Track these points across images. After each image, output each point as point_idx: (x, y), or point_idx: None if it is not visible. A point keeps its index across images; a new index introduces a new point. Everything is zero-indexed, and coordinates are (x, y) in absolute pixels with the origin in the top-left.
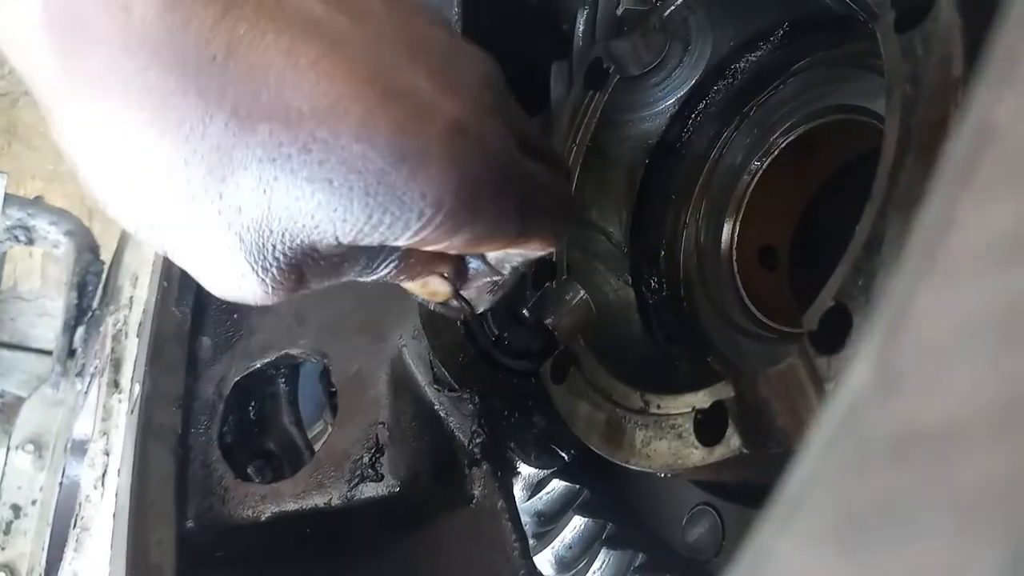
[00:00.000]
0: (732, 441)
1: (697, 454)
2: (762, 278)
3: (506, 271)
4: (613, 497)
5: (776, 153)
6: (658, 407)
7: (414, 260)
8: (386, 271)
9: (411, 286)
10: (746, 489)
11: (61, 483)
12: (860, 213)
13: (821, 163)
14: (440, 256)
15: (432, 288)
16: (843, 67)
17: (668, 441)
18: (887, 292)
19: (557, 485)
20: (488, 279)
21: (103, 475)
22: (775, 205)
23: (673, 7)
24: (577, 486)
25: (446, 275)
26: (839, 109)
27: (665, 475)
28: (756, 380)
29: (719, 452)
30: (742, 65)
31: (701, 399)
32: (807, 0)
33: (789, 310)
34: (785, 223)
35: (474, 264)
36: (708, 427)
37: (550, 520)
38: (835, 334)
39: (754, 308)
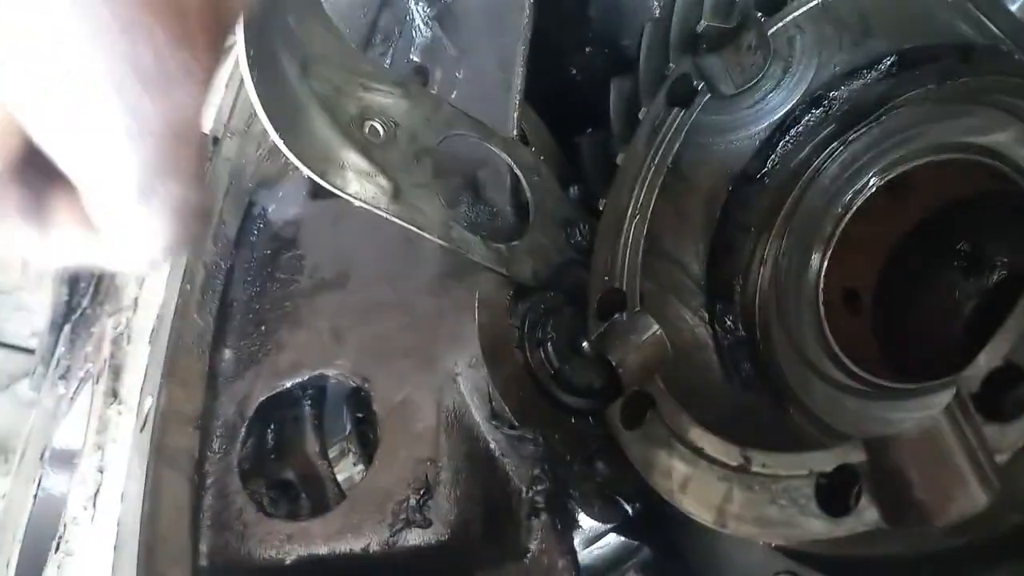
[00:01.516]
0: (867, 514)
1: (819, 525)
2: (845, 322)
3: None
4: (676, 557)
5: (872, 191)
6: (763, 466)
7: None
8: None
9: None
10: (836, 559)
11: (36, 496)
12: (953, 259)
13: (917, 203)
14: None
15: None
16: (955, 102)
17: (780, 507)
18: None
19: (611, 539)
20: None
21: (95, 495)
22: (863, 246)
23: (780, 24)
24: (635, 543)
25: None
26: (946, 147)
27: (768, 544)
28: (888, 443)
29: (848, 525)
30: (842, 93)
31: (821, 461)
32: (933, 27)
33: (873, 357)
34: (872, 265)
35: None
36: (833, 495)
37: None
38: (1001, 399)
39: (843, 355)
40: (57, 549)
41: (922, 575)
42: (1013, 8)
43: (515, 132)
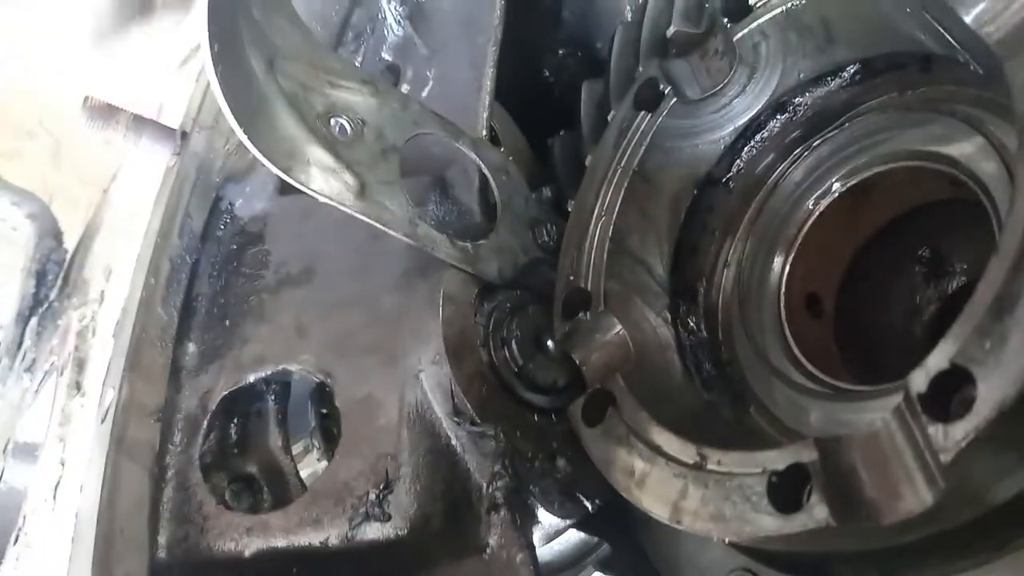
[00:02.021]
0: (816, 511)
1: (771, 522)
2: (807, 325)
3: None
4: (635, 553)
5: (835, 196)
6: (718, 463)
7: None
8: None
9: None
10: (792, 557)
11: None
12: (914, 265)
13: (878, 209)
14: None
15: None
16: (916, 110)
17: (733, 504)
18: None
19: (571, 536)
20: None
21: (56, 487)
22: (825, 250)
23: (745, 31)
24: (595, 539)
25: None
26: (907, 155)
27: (723, 541)
28: (839, 443)
29: (799, 522)
30: (806, 100)
31: (774, 459)
32: (894, 36)
33: (833, 361)
34: (834, 270)
35: None
36: (784, 492)
37: (556, 572)
38: (948, 400)
39: (803, 358)
40: (16, 541)
41: (878, 571)
42: (967, 20)
43: (484, 132)
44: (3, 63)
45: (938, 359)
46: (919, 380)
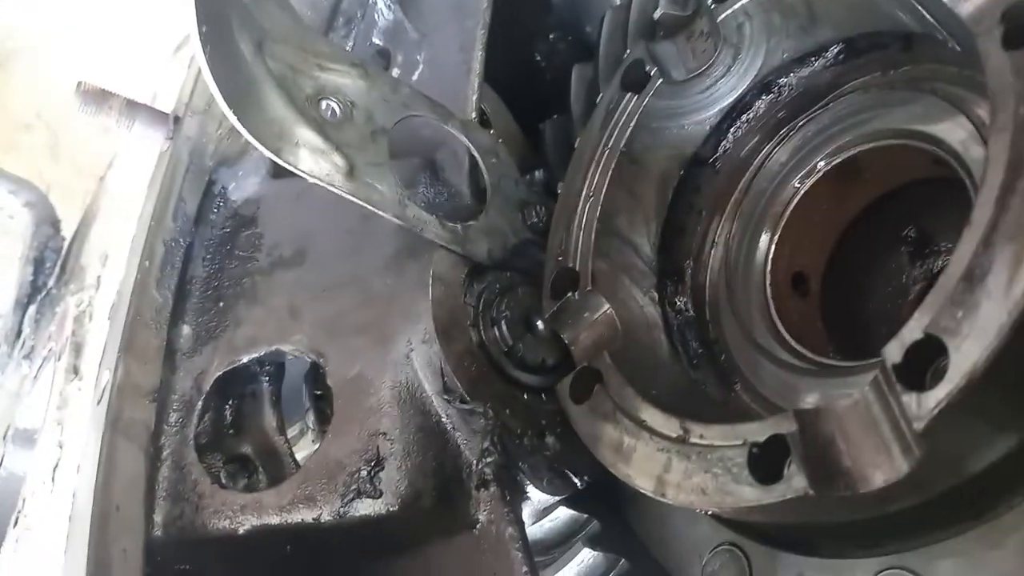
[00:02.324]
0: (795, 481)
1: (751, 492)
2: (793, 304)
3: None
4: (624, 530)
5: (820, 175)
6: (701, 437)
7: None
8: None
9: None
10: (777, 529)
11: None
12: (898, 243)
13: (863, 188)
14: None
15: None
16: (899, 90)
17: (715, 476)
18: None
19: (562, 513)
20: None
21: (54, 469)
22: (811, 229)
23: (729, 12)
24: (584, 515)
25: None
26: (891, 133)
27: (704, 512)
28: (818, 414)
29: (778, 491)
30: (791, 80)
31: (755, 431)
32: (876, 15)
33: (819, 339)
34: (820, 249)
35: None
36: (765, 463)
37: (548, 550)
38: (923, 370)
39: (788, 335)
40: (16, 524)
41: (860, 542)
42: None
43: (474, 114)
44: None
45: (912, 330)
46: (894, 351)
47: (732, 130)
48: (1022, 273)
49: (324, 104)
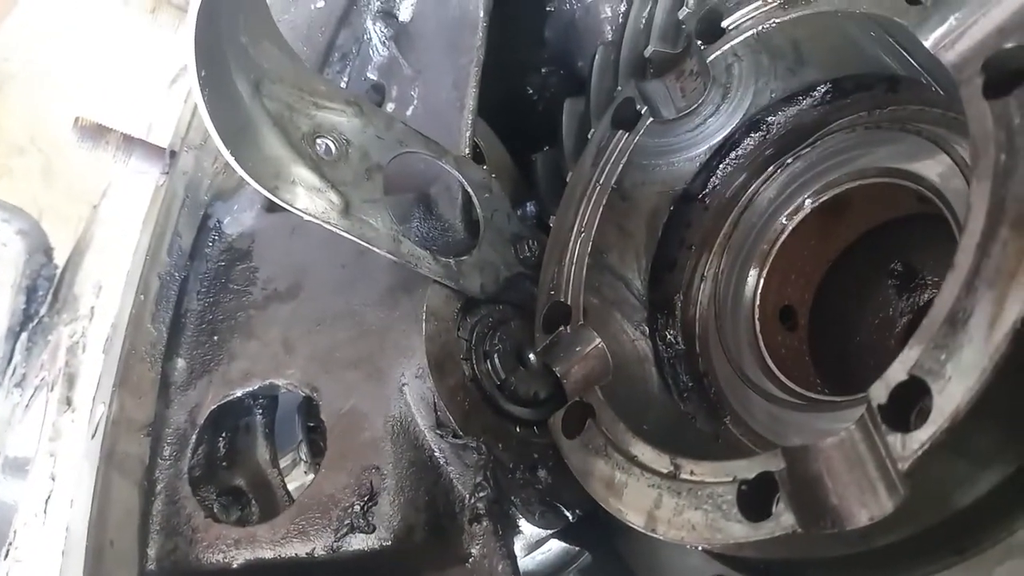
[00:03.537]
0: (784, 518)
1: (740, 529)
2: (782, 338)
3: None
4: (616, 563)
5: (807, 212)
6: (691, 473)
7: None
8: None
9: None
10: (766, 564)
11: None
12: (884, 277)
13: (850, 224)
14: None
15: None
16: (885, 129)
17: (705, 512)
18: None
19: (553, 545)
20: None
21: (47, 501)
22: (799, 264)
23: (718, 52)
24: (576, 548)
25: None
26: (877, 172)
27: (695, 547)
28: (805, 452)
29: (767, 528)
30: (779, 119)
31: (744, 468)
32: (861, 58)
33: (807, 374)
34: (807, 283)
35: None
36: (754, 500)
37: None
38: (907, 410)
39: (776, 369)
40: (7, 556)
41: (851, 574)
42: (927, 44)
43: (467, 150)
44: None
45: (897, 371)
46: (879, 391)
47: (721, 167)
48: (1003, 318)
49: (320, 142)
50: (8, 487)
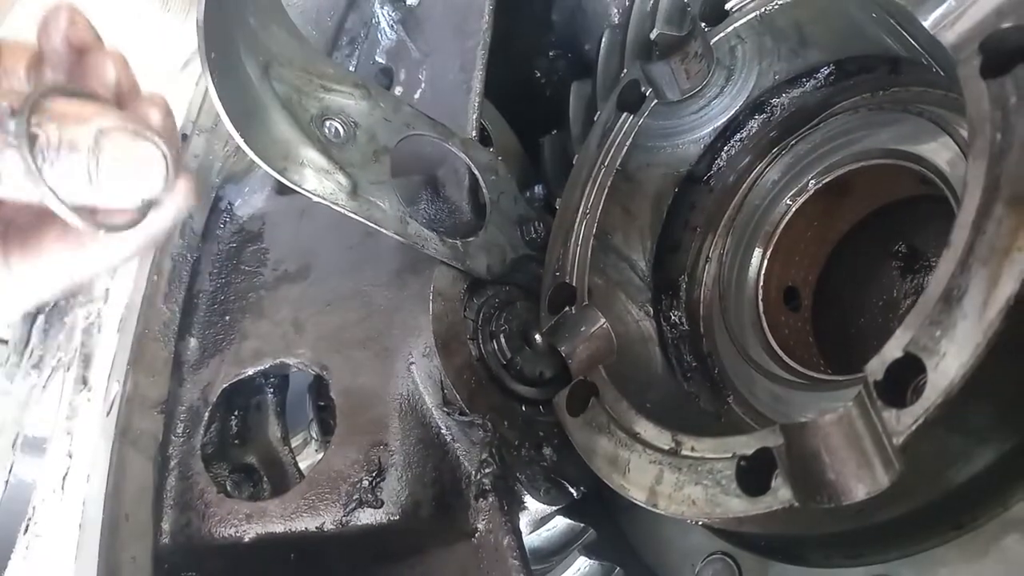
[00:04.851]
0: (781, 493)
1: (738, 503)
2: (785, 318)
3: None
4: (620, 539)
5: (811, 193)
6: (692, 449)
7: None
8: None
9: None
10: (767, 540)
11: (7, 482)
12: (888, 259)
13: (853, 206)
14: None
15: None
16: (887, 111)
17: (704, 487)
18: None
19: (559, 522)
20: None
21: (64, 477)
22: (803, 245)
23: (722, 34)
24: (581, 525)
25: None
26: (880, 153)
27: (695, 522)
28: (804, 429)
29: (765, 503)
30: (783, 101)
31: (744, 444)
32: (864, 39)
33: (810, 354)
34: (811, 264)
35: None
36: (752, 476)
37: (545, 558)
38: (904, 386)
39: (779, 349)
40: (26, 531)
41: (846, 552)
42: (926, 25)
43: (474, 132)
44: None
45: (892, 348)
46: (876, 368)
47: (725, 149)
48: (996, 295)
49: (328, 125)
50: (27, 465)
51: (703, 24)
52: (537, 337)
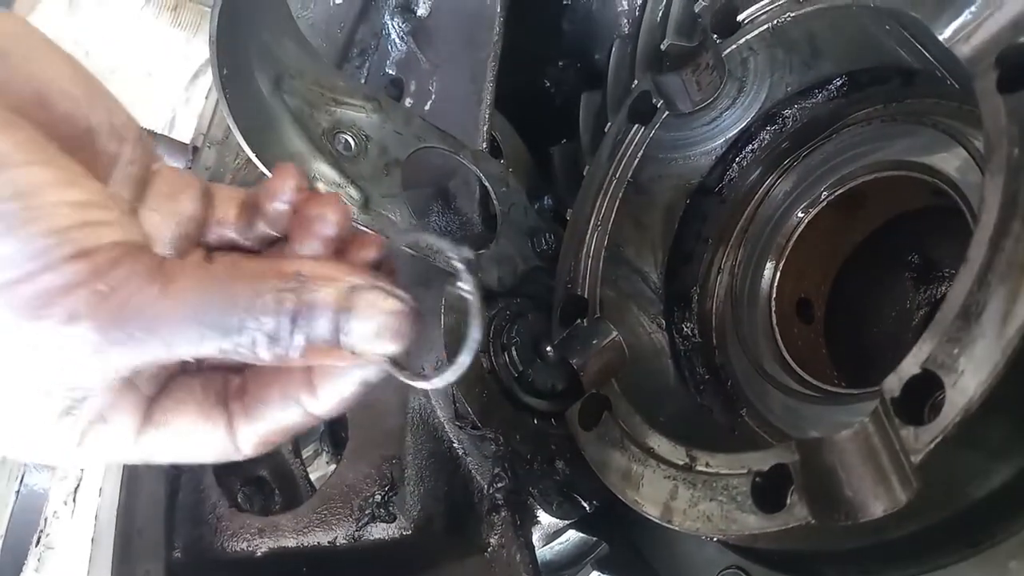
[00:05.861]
0: (797, 510)
1: (754, 520)
2: (798, 330)
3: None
4: (633, 553)
5: (823, 204)
6: (707, 465)
7: None
8: None
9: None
10: (781, 555)
11: (18, 492)
12: (901, 270)
13: (866, 217)
14: None
15: None
16: (900, 122)
17: (720, 503)
18: None
19: (572, 536)
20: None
21: (75, 490)
22: (815, 257)
23: (734, 46)
24: (594, 539)
25: None
26: (893, 165)
27: (710, 538)
28: (820, 445)
29: (780, 520)
30: (795, 112)
31: (759, 460)
32: (877, 51)
33: (823, 366)
34: (824, 276)
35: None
36: (768, 492)
37: (558, 572)
38: (921, 403)
39: (792, 361)
40: (38, 543)
41: (861, 568)
42: (941, 38)
43: (484, 144)
44: None
45: (910, 365)
46: (893, 384)
47: (737, 160)
48: (1015, 312)
49: (339, 138)
50: (39, 477)
51: (715, 35)
52: (549, 349)
